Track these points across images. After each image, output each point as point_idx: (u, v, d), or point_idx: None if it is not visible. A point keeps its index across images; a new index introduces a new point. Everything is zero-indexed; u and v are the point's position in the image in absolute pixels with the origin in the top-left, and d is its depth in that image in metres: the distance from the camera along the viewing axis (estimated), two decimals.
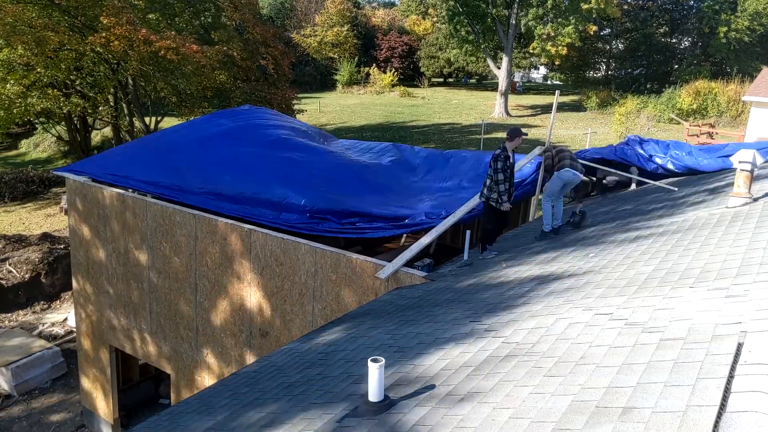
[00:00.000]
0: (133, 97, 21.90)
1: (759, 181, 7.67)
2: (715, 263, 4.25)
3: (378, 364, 3.12)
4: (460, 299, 5.20)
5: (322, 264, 7.27)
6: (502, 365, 3.29)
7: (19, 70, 18.99)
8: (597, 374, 2.78)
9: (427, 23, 61.25)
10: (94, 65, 20.65)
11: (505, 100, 41.62)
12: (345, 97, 50.89)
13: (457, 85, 61.39)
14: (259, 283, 7.95)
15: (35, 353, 12.46)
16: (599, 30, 46.77)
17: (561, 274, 5.17)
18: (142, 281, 9.46)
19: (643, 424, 2.19)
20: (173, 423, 4.28)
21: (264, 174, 8.84)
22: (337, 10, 55.92)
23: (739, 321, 2.95)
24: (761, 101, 26.07)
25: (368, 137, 32.34)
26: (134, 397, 11.78)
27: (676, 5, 50.08)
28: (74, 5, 18.35)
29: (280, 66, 24.22)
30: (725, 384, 2.30)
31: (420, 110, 43.40)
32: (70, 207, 10.47)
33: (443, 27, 46.63)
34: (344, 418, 3.25)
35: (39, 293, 15.73)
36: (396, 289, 6.59)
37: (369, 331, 4.97)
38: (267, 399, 4.08)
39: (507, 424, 2.57)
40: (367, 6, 73.82)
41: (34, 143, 32.28)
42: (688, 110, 37.38)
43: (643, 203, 8.57)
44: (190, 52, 17.94)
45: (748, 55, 44.33)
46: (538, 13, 38.47)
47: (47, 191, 25.04)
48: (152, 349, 9.71)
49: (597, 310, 3.74)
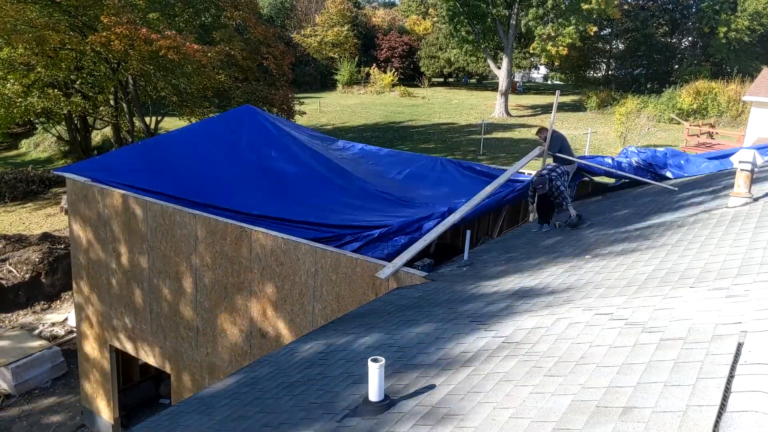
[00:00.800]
0: (134, 97, 21.90)
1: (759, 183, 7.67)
2: (715, 263, 4.25)
3: (378, 364, 3.12)
4: (461, 299, 5.20)
5: (322, 264, 7.27)
6: (503, 365, 3.29)
7: (19, 70, 18.99)
8: (597, 374, 2.78)
9: (427, 23, 61.25)
10: (94, 65, 20.64)
11: (506, 100, 41.62)
12: (345, 97, 50.89)
13: (457, 85, 61.39)
14: (259, 282, 7.96)
15: (35, 353, 12.46)
16: (599, 30, 46.74)
17: (561, 274, 5.17)
18: (143, 281, 9.46)
19: (643, 423, 2.20)
20: (173, 423, 4.28)
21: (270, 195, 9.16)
22: (337, 9, 55.91)
23: (739, 321, 2.95)
24: (761, 101, 26.07)
25: (368, 137, 32.36)
26: (134, 397, 11.78)
27: (676, 5, 50.08)
28: (74, 5, 18.34)
29: (281, 66, 24.23)
30: (725, 384, 2.30)
31: (420, 110, 43.41)
32: (70, 207, 10.47)
33: (443, 27, 46.64)
34: (344, 418, 3.25)
35: (39, 293, 15.73)
36: (396, 289, 6.59)
37: (369, 331, 4.98)
38: (267, 399, 4.09)
39: (507, 423, 2.57)
40: (367, 6, 73.82)
41: (34, 143, 32.27)
42: (689, 110, 37.39)
43: (642, 203, 8.57)
44: (191, 51, 17.93)
45: (748, 55, 44.33)
46: (538, 13, 38.46)
47: (47, 191, 25.03)
48: (152, 349, 9.72)
49: (597, 310, 3.74)
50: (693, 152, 16.24)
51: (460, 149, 30.60)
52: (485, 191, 8.69)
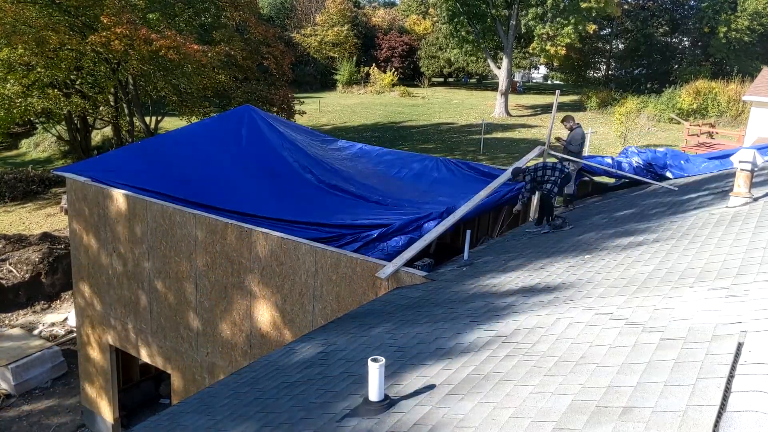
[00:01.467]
0: (134, 97, 21.89)
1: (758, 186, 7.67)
2: (715, 263, 4.25)
3: (378, 364, 3.12)
4: (461, 299, 5.20)
5: (322, 264, 7.27)
6: (503, 365, 3.29)
7: (19, 70, 18.98)
8: (597, 374, 2.78)
9: (427, 23, 61.22)
10: (94, 65, 20.63)
11: (505, 100, 41.60)
12: (345, 97, 50.88)
13: (457, 85, 61.38)
14: (259, 282, 7.95)
15: (35, 353, 12.45)
16: (599, 30, 46.77)
17: (561, 274, 5.17)
18: (143, 281, 9.46)
19: (643, 423, 2.20)
20: (173, 423, 4.28)
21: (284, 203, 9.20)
22: (337, 9, 55.89)
23: (739, 321, 2.95)
24: (761, 101, 26.07)
25: (368, 137, 32.36)
26: (134, 397, 11.78)
27: (676, 5, 50.07)
28: (74, 5, 18.34)
29: (281, 66, 24.23)
30: (725, 384, 2.30)
31: (420, 110, 43.40)
32: (70, 207, 10.47)
33: (443, 27, 46.58)
34: (344, 418, 3.25)
35: (39, 293, 15.73)
36: (396, 289, 6.59)
37: (369, 331, 4.98)
38: (267, 399, 4.09)
39: (507, 423, 2.57)
40: (367, 6, 73.80)
41: (34, 143, 32.25)
42: (689, 110, 37.37)
43: (642, 203, 8.57)
44: (191, 51, 17.93)
45: (748, 55, 44.32)
46: (537, 12, 38.45)
47: (47, 191, 25.02)
48: (152, 349, 9.72)
49: (597, 310, 3.74)
50: (693, 152, 16.25)
51: (460, 149, 30.60)
52: (485, 191, 8.69)
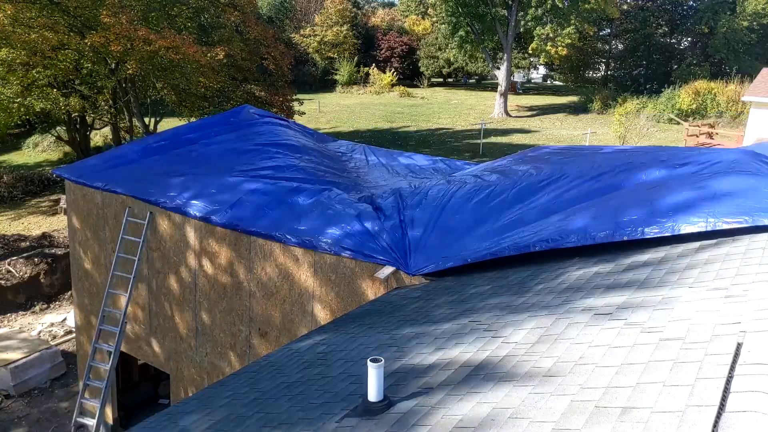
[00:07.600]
0: (133, 97, 21.89)
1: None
2: (715, 263, 4.26)
3: (378, 364, 3.12)
4: (460, 299, 5.20)
5: (321, 264, 7.28)
6: (502, 365, 3.29)
7: (18, 70, 18.97)
8: (596, 374, 2.78)
9: (426, 23, 61.25)
10: (93, 65, 20.63)
11: (505, 101, 41.64)
12: (344, 97, 50.90)
13: (456, 85, 61.41)
14: (258, 282, 7.96)
15: (34, 353, 12.45)
16: (599, 30, 46.87)
17: (560, 273, 5.17)
18: (142, 281, 9.46)
19: (642, 424, 2.20)
20: (173, 423, 4.28)
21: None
22: (336, 9, 55.93)
23: (738, 321, 2.95)
24: (761, 101, 26.11)
25: (368, 137, 32.38)
26: (134, 398, 11.77)
27: (676, 5, 50.13)
28: (74, 5, 18.34)
29: (280, 66, 24.24)
30: (724, 384, 2.30)
31: (419, 110, 43.43)
32: (69, 207, 10.47)
33: (443, 27, 46.64)
34: (344, 418, 3.25)
35: (38, 293, 15.73)
36: (396, 289, 6.60)
37: (369, 331, 4.98)
38: (267, 399, 4.09)
39: (506, 423, 2.58)
40: (366, 6, 73.82)
41: (34, 143, 32.24)
42: (688, 110, 37.42)
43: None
44: (191, 51, 17.93)
45: (747, 55, 44.39)
46: (536, 13, 38.48)
47: (46, 191, 25.03)
48: (152, 349, 9.71)
49: (596, 310, 3.74)
50: None
51: (460, 149, 30.63)
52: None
